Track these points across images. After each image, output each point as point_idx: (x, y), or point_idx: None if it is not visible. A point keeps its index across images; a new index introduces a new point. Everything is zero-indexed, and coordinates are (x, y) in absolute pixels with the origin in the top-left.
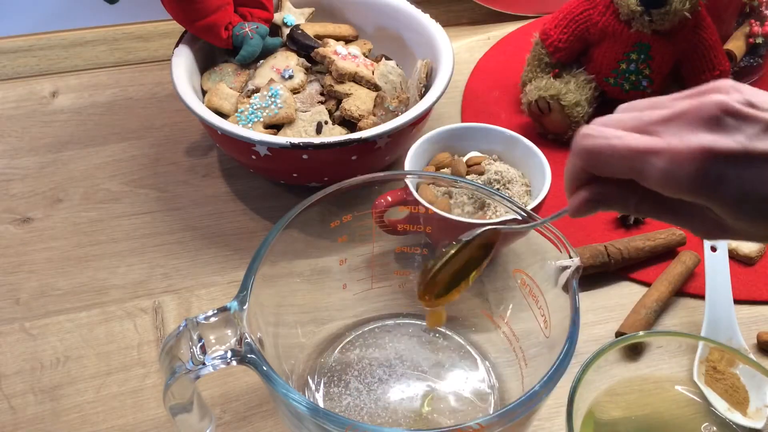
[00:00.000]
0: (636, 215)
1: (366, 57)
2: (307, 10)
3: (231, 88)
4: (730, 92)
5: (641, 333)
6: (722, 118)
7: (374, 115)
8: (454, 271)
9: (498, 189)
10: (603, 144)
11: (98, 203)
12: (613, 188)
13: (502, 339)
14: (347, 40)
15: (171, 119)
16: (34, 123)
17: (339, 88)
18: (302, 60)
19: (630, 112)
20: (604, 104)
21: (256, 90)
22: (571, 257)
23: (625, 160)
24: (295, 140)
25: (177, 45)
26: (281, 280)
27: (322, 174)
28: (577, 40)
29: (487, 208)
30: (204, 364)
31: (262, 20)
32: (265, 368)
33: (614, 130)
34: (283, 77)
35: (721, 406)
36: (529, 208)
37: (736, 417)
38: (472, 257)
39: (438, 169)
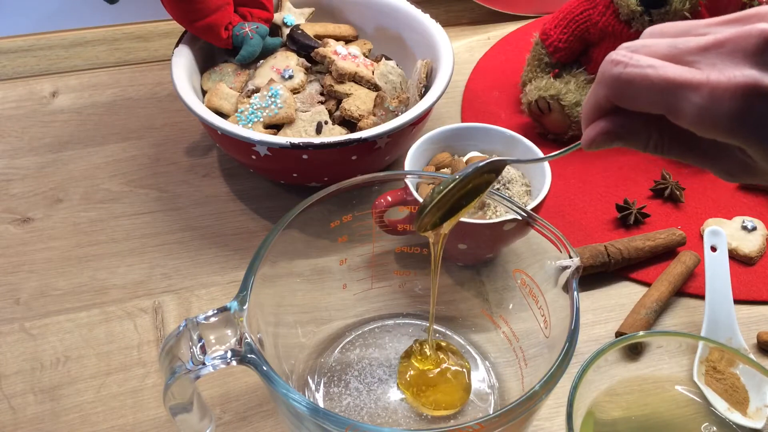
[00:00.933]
0: (655, 153)
1: (366, 57)
2: (307, 10)
3: (231, 88)
4: None
5: (641, 333)
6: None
7: (374, 115)
8: (456, 199)
9: (498, 189)
10: (635, 73)
11: (98, 203)
12: (636, 121)
13: (502, 339)
14: (347, 40)
15: (171, 119)
16: (34, 123)
17: (339, 88)
18: (302, 60)
19: (661, 37)
20: None
21: (256, 90)
22: (571, 257)
23: (658, 92)
24: (295, 140)
25: (177, 45)
26: (281, 280)
27: (322, 174)
28: (577, 40)
29: (486, 208)
30: (204, 364)
31: (262, 20)
32: (265, 368)
33: (647, 58)
34: (283, 77)
35: (721, 406)
36: (529, 208)
37: (736, 417)
38: (475, 186)
39: (438, 169)
